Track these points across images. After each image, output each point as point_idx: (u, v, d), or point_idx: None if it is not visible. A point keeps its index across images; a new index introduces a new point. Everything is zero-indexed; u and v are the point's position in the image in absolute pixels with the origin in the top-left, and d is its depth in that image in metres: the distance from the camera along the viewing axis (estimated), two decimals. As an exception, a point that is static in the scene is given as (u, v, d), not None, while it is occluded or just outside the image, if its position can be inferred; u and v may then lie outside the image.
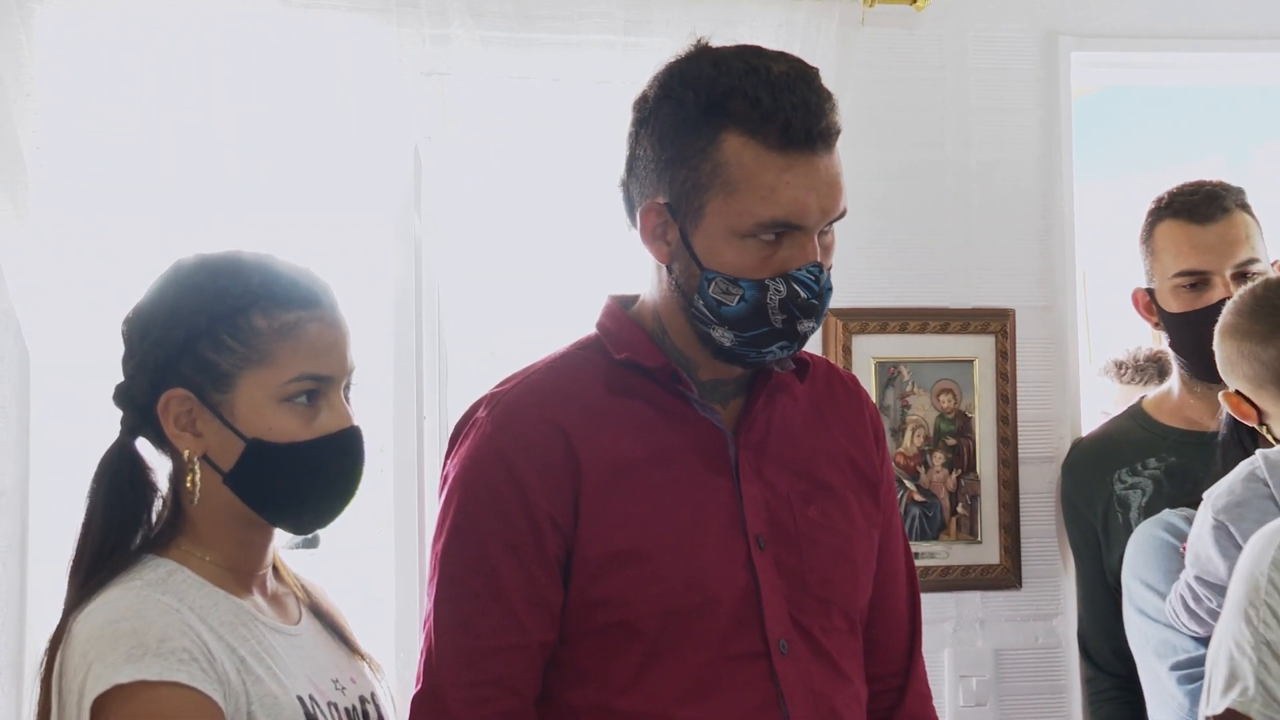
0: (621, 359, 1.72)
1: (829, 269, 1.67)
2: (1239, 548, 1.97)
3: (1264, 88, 4.17)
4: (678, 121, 1.64)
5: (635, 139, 1.70)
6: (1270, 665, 1.62)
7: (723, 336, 1.67)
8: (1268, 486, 2.04)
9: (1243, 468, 2.09)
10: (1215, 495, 2.08)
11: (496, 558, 1.66)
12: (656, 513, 1.67)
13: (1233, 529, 2.03)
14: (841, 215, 1.66)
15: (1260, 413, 2.13)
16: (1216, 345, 2.17)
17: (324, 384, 1.64)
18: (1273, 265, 2.54)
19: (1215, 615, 1.75)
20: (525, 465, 1.66)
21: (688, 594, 1.65)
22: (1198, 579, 2.07)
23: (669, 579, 1.65)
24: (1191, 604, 2.09)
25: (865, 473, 1.82)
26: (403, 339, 2.65)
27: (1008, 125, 2.79)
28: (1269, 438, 2.12)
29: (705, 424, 1.71)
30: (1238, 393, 2.15)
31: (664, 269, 1.71)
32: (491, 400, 1.73)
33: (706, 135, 1.62)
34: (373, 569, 2.79)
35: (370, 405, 2.72)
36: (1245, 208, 2.55)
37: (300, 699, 1.59)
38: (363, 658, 1.79)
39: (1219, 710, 1.65)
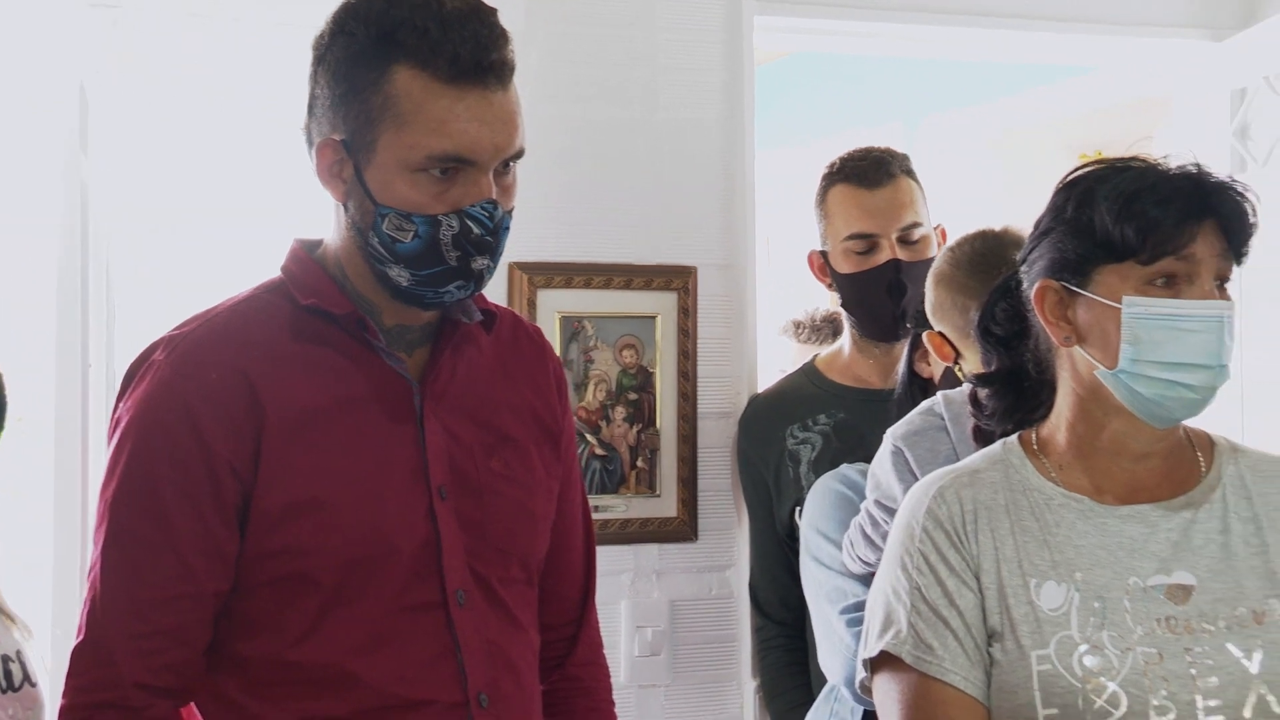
0: (307, 304, 1.68)
1: (509, 209, 1.67)
2: (913, 473, 2.10)
3: (938, 60, 4.36)
4: (350, 55, 1.62)
5: (314, 78, 1.67)
6: (921, 610, 1.69)
7: (399, 275, 1.65)
8: (943, 420, 2.17)
9: (924, 404, 2.22)
10: (896, 426, 2.20)
11: (170, 505, 1.60)
12: (338, 462, 1.64)
13: (908, 454, 2.15)
14: (519, 154, 1.66)
15: (958, 355, 2.24)
16: (929, 289, 2.27)
17: None
18: (935, 230, 2.66)
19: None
20: (204, 411, 1.61)
21: (368, 544, 1.63)
22: (877, 503, 2.18)
23: (349, 529, 1.63)
24: (869, 530, 2.18)
25: (547, 425, 1.83)
26: (67, 283, 2.52)
27: (693, 86, 2.83)
28: (959, 375, 2.24)
29: (391, 372, 1.69)
30: (941, 335, 2.26)
31: (341, 208, 1.69)
32: (170, 343, 1.67)
33: (377, 68, 1.61)
34: (30, 525, 2.66)
35: (31, 354, 2.59)
36: (910, 174, 2.67)
37: None
38: (9, 618, 1.71)
39: (874, 653, 1.72)
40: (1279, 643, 1.62)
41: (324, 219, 1.75)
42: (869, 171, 2.63)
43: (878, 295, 2.54)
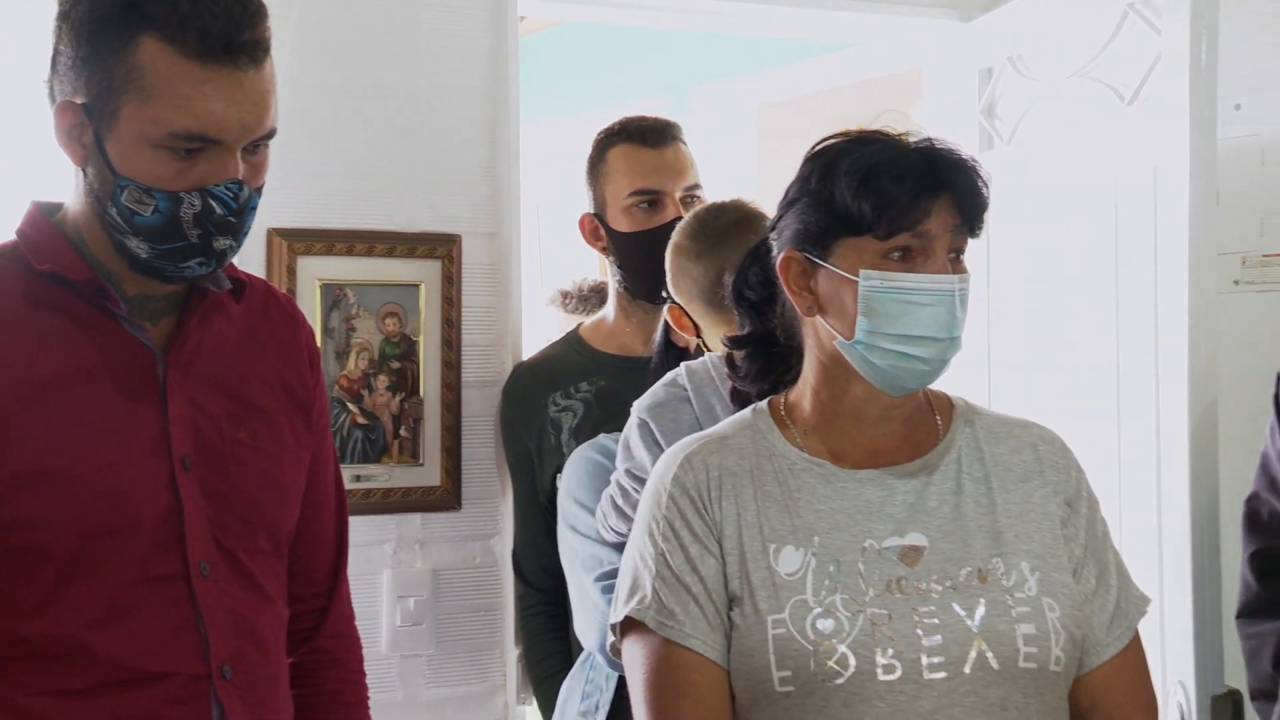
0: (43, 270, 1.63)
1: (257, 188, 1.64)
2: (659, 444, 2.14)
3: (704, 33, 4.42)
4: (94, 19, 1.57)
5: (57, 33, 1.61)
6: (665, 576, 1.71)
7: (138, 248, 1.61)
8: (685, 391, 2.21)
9: (667, 376, 2.26)
10: (641, 399, 2.24)
11: None
12: (75, 432, 1.59)
13: (653, 425, 2.19)
14: (270, 135, 1.63)
15: (696, 326, 2.28)
16: (666, 262, 2.31)
17: None
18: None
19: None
20: None
21: (106, 515, 1.59)
22: (627, 472, 2.21)
23: (86, 500, 1.58)
24: (620, 500, 2.21)
25: (298, 395, 1.80)
26: None
27: (458, 52, 2.81)
28: (704, 348, 2.28)
29: (133, 341, 1.65)
30: (680, 308, 2.29)
31: (81, 173, 1.63)
32: None
33: (123, 36, 1.55)
34: None
35: None
36: (685, 142, 2.72)
37: None
38: None
39: (620, 618, 1.74)
40: (1000, 600, 1.68)
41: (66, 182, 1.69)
42: (652, 132, 2.67)
43: (658, 255, 2.57)
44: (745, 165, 4.97)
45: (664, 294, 2.38)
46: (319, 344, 2.00)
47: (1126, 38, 2.62)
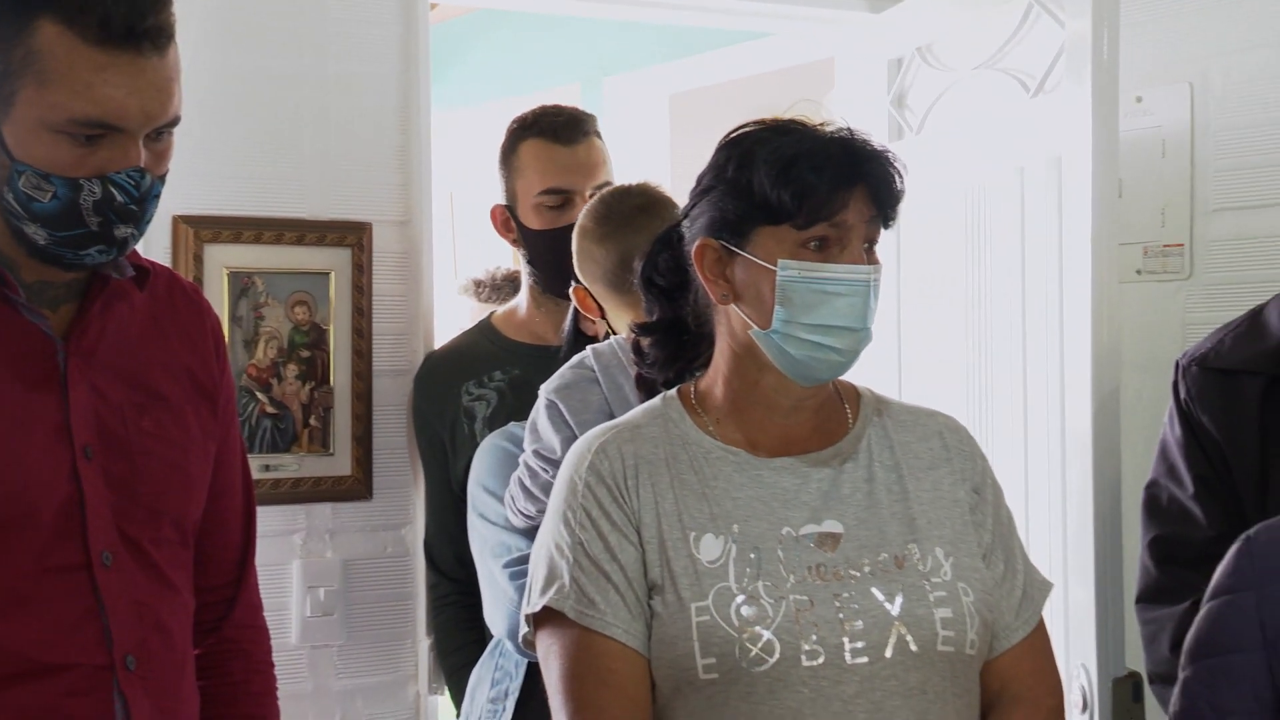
0: None
1: (161, 175, 1.62)
2: (568, 425, 2.14)
3: (616, 22, 4.42)
4: None
5: None
6: (584, 564, 1.71)
7: (36, 234, 1.59)
8: (593, 372, 2.21)
9: (574, 358, 2.26)
10: (549, 381, 2.25)
11: None
12: None
13: (561, 407, 2.19)
14: (173, 122, 1.61)
15: (601, 309, 2.29)
16: (573, 244, 2.31)
17: None
18: None
19: (549, 489, 1.85)
20: None
21: (4, 506, 1.57)
22: (535, 453, 2.21)
23: None
24: (528, 481, 2.21)
25: (204, 384, 1.79)
26: None
27: (367, 38, 2.78)
28: (610, 331, 2.29)
29: (32, 329, 1.62)
30: (585, 289, 2.30)
31: None
32: None
33: (20, 18, 1.52)
34: None
35: None
36: (599, 135, 2.70)
37: None
38: None
39: (537, 607, 1.73)
40: (918, 586, 1.70)
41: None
42: (564, 128, 2.64)
43: (567, 253, 2.57)
44: (658, 154, 4.98)
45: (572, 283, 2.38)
46: (226, 333, 1.98)
47: (1032, 30, 2.65)
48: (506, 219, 2.70)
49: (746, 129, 1.77)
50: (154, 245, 2.51)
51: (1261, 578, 1.71)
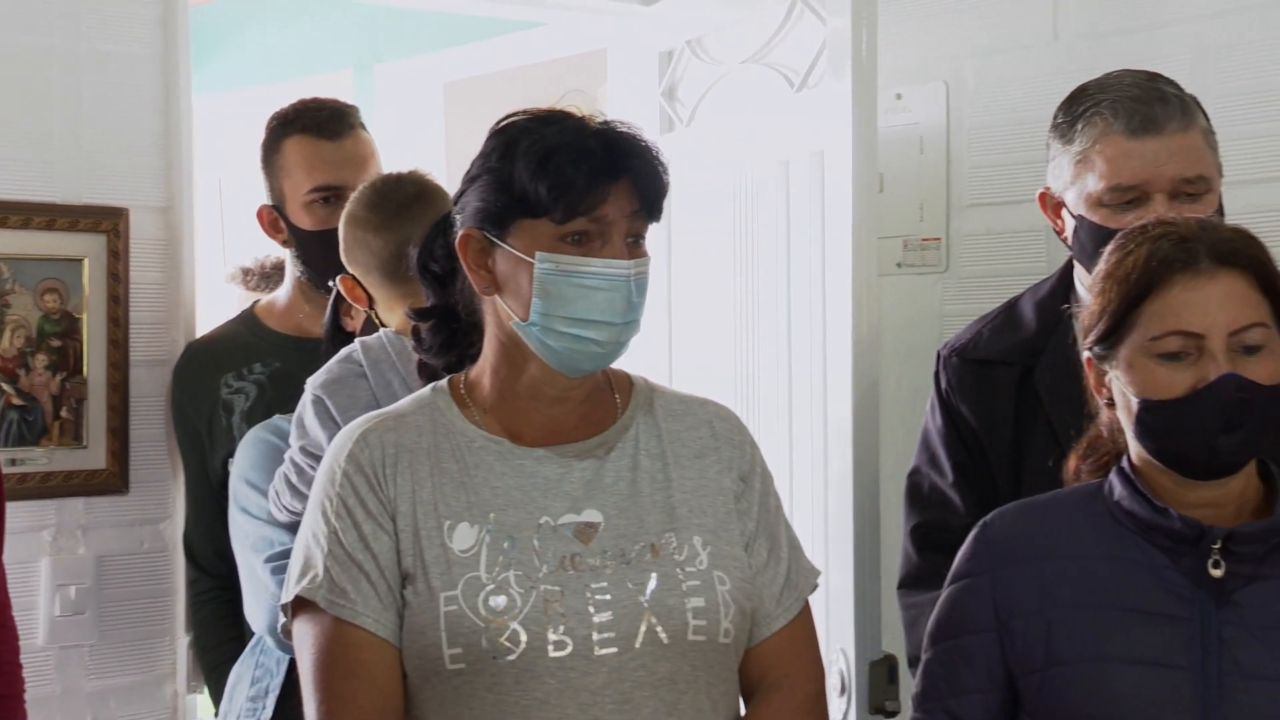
0: None
1: None
2: (335, 421, 2.10)
3: (389, 8, 4.36)
4: None
5: None
6: (338, 554, 1.69)
7: None
8: (361, 366, 2.18)
9: (342, 352, 2.22)
10: (315, 375, 2.20)
11: None
12: None
13: (328, 402, 2.15)
14: None
15: (371, 299, 2.25)
16: (340, 232, 2.26)
17: None
18: None
19: None
20: None
21: None
22: (303, 450, 2.17)
23: None
24: (294, 479, 2.17)
25: (-61, 374, 1.71)
26: None
27: (123, 18, 2.69)
28: (377, 322, 2.25)
29: None
30: (354, 278, 2.25)
31: None
32: None
33: None
34: None
35: None
36: (364, 127, 2.66)
37: None
38: None
39: (290, 597, 1.71)
40: (671, 574, 1.70)
41: None
42: (328, 123, 2.59)
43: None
44: (433, 143, 4.93)
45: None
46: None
47: (796, 26, 2.70)
48: (275, 219, 2.64)
49: (515, 118, 1.76)
50: (-111, 229, 2.39)
51: (996, 562, 1.78)
